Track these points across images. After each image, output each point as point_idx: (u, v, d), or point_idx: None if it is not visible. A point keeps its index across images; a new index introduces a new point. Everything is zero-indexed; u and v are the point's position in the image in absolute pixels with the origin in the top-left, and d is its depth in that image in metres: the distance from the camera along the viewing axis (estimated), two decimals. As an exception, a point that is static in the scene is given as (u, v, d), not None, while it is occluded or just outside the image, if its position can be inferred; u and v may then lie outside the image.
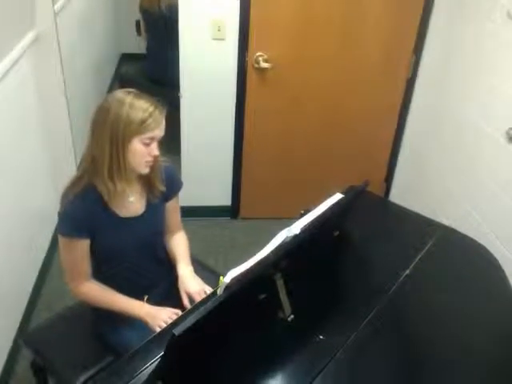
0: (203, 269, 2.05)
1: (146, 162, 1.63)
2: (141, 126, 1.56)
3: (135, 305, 1.74)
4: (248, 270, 1.29)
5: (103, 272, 1.78)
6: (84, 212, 1.64)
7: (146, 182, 1.76)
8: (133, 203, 1.74)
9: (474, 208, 2.62)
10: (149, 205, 1.79)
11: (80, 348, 1.85)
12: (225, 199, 3.45)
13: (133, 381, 1.34)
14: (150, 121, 1.56)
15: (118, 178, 1.62)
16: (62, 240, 1.67)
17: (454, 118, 2.85)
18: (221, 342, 1.40)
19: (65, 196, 1.66)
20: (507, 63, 2.38)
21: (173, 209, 1.92)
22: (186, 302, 1.77)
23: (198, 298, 1.76)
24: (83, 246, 1.67)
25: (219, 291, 1.27)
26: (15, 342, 2.35)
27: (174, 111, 3.10)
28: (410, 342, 1.58)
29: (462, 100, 2.77)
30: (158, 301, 1.78)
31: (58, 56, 2.84)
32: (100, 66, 4.71)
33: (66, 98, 2.94)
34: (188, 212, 2.04)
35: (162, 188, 1.78)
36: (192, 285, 1.81)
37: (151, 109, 1.57)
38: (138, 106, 1.56)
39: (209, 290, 1.79)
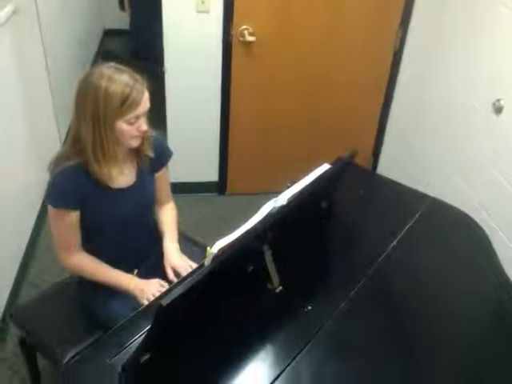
0: (191, 244, 2.05)
1: (136, 137, 1.61)
2: (122, 108, 1.51)
3: (125, 278, 1.73)
4: (235, 240, 1.28)
5: (93, 244, 1.77)
6: (73, 183, 1.61)
7: (135, 151, 1.73)
8: (123, 174, 1.72)
9: (462, 181, 2.62)
10: (139, 175, 1.76)
11: (68, 324, 1.84)
12: (212, 175, 3.43)
13: (120, 354, 1.34)
14: (130, 98, 1.51)
15: (104, 162, 1.61)
16: (51, 211, 1.65)
17: (441, 92, 2.84)
18: (209, 313, 1.39)
19: (54, 166, 1.63)
20: (492, 35, 2.37)
21: (162, 179, 1.90)
22: (171, 276, 1.77)
23: (183, 272, 1.76)
24: (73, 217, 1.65)
25: (206, 262, 1.26)
26: (3, 319, 2.34)
27: (159, 87, 3.06)
28: (397, 311, 1.60)
29: (449, 73, 2.76)
30: (148, 274, 1.78)
31: (37, 30, 2.78)
32: (83, 42, 4.62)
33: (48, 72, 2.88)
34: (175, 188, 2.02)
35: (151, 154, 1.75)
36: (177, 259, 1.81)
37: (131, 82, 1.52)
38: (118, 80, 1.51)
39: (195, 266, 1.78)
